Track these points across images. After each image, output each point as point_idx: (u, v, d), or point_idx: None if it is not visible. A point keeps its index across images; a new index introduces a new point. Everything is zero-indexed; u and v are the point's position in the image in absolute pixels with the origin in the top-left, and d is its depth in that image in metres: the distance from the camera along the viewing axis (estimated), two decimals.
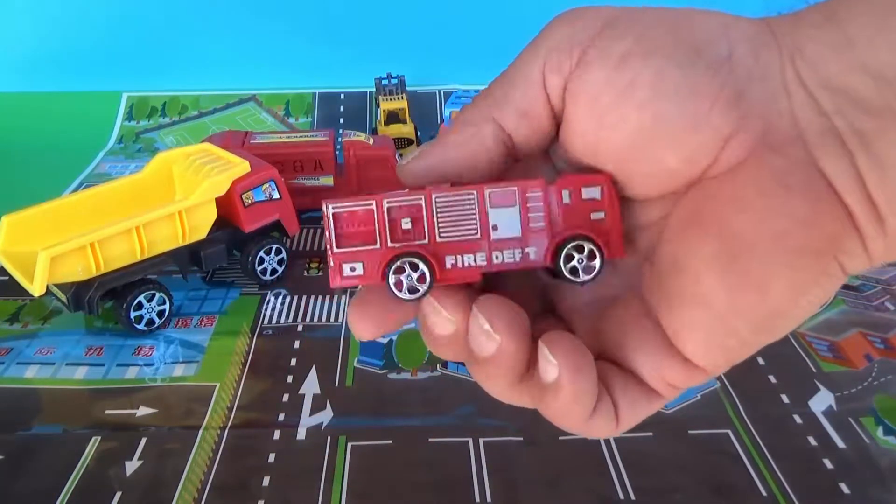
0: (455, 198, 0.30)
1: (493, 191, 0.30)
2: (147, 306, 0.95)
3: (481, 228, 0.30)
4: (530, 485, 0.73)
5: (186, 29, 1.68)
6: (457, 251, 0.30)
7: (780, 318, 0.27)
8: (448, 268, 0.30)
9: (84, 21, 1.66)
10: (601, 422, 0.29)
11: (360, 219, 0.30)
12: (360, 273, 0.30)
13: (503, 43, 1.84)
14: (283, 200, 1.05)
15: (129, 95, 1.69)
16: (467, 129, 0.30)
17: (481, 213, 0.29)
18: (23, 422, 0.81)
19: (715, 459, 0.76)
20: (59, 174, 1.42)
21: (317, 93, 1.71)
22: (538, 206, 0.30)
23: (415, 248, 0.29)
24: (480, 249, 0.30)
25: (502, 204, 0.29)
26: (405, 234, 0.30)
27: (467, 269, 0.30)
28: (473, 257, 0.30)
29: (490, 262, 0.30)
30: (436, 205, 0.30)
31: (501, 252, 0.30)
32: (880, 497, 0.71)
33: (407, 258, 0.29)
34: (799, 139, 0.26)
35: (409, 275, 0.29)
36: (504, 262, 0.30)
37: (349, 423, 0.81)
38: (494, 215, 0.29)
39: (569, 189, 0.29)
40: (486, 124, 0.30)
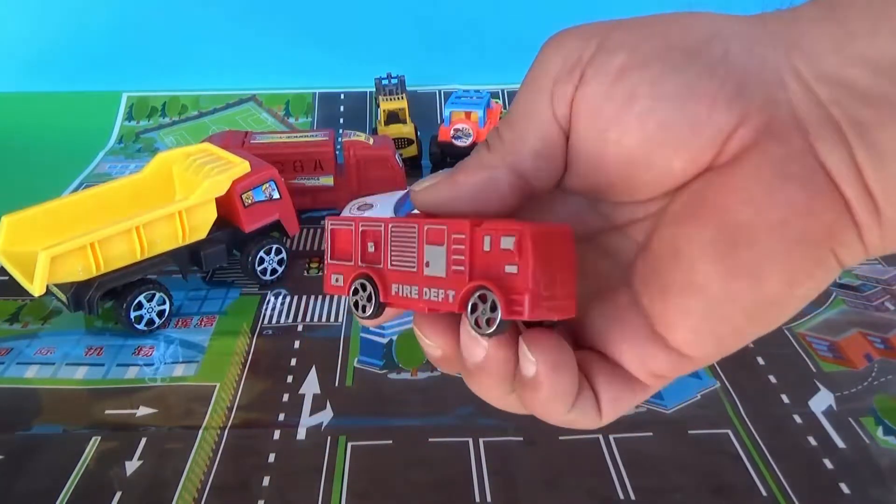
0: (403, 229, 0.30)
1: (429, 227, 0.29)
2: (147, 306, 0.95)
3: (417, 262, 0.30)
4: (530, 485, 0.73)
5: (186, 29, 1.68)
6: (399, 280, 0.30)
7: (774, 308, 0.27)
8: (392, 294, 0.30)
9: (84, 21, 1.66)
10: (581, 415, 0.29)
11: (346, 237, 0.32)
12: (341, 284, 0.32)
13: (503, 43, 1.86)
14: (283, 200, 1.05)
15: (129, 95, 1.69)
16: (481, 172, 0.29)
17: (419, 247, 0.30)
18: (23, 422, 0.81)
19: (715, 459, 0.76)
20: (59, 174, 1.42)
21: (317, 93, 1.71)
22: (460, 249, 0.29)
23: (368, 271, 0.31)
24: (415, 283, 0.30)
25: (434, 242, 0.29)
26: (371, 255, 0.31)
27: (408, 300, 0.30)
28: (410, 289, 0.30)
29: (421, 297, 0.30)
30: (391, 233, 0.31)
31: (430, 289, 0.29)
32: (880, 497, 0.71)
33: (360, 279, 0.31)
34: (798, 129, 0.26)
35: (361, 294, 0.31)
36: (431, 299, 0.29)
37: (349, 423, 0.81)
38: (429, 252, 0.29)
39: (489, 236, 0.28)
40: (502, 171, 0.29)
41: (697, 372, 0.88)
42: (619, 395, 0.30)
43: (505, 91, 1.71)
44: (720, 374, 0.87)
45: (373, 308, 0.31)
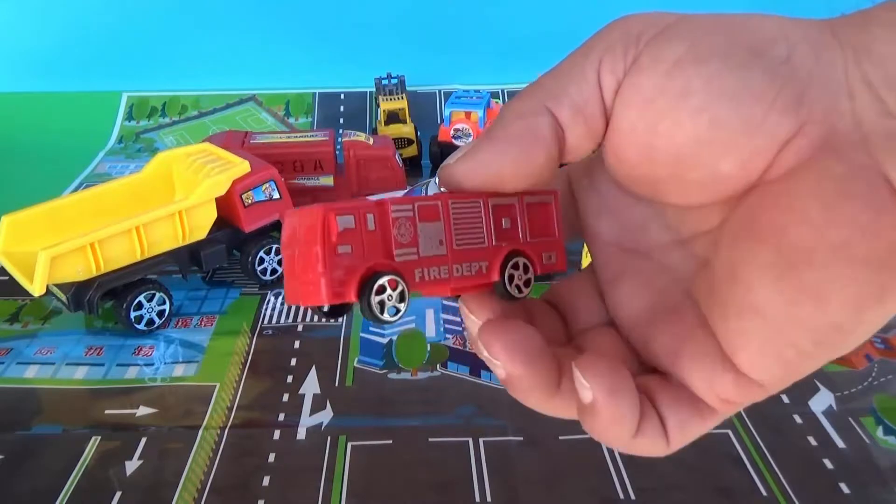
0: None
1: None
2: (147, 306, 0.95)
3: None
4: (530, 485, 0.73)
5: (186, 29, 1.68)
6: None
7: (842, 333, 0.25)
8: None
9: (84, 21, 1.66)
10: (648, 441, 0.28)
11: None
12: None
13: (503, 43, 1.86)
14: (283, 200, 1.05)
15: (129, 95, 1.69)
16: (520, 121, 0.28)
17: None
18: (23, 422, 0.81)
19: (715, 459, 0.76)
20: (59, 174, 1.42)
21: (317, 93, 1.71)
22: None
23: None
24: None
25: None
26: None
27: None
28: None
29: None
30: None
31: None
32: (880, 497, 0.71)
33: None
34: (862, 143, 0.24)
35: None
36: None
37: (349, 423, 0.81)
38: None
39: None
40: (542, 115, 0.28)
41: None
42: (687, 421, 0.28)
43: (505, 91, 1.71)
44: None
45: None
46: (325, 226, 0.27)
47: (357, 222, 0.28)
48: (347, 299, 0.27)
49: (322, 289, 0.27)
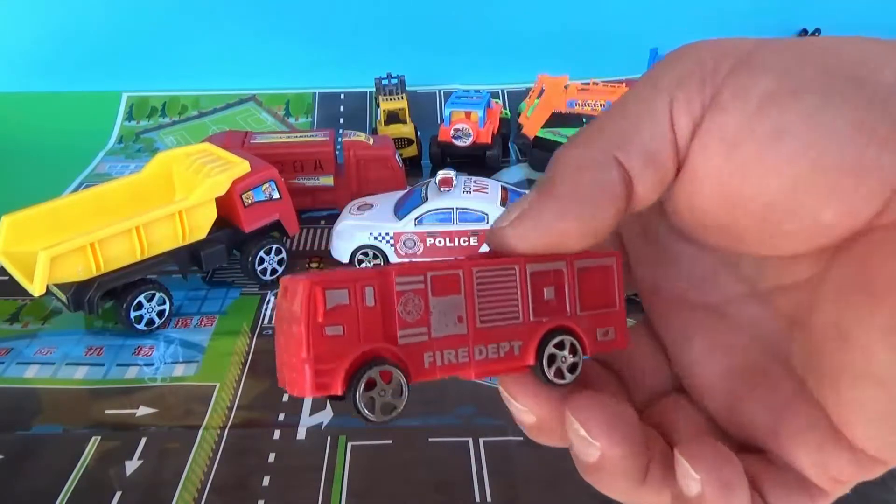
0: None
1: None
2: (147, 306, 0.95)
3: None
4: (530, 485, 0.73)
5: (186, 29, 1.68)
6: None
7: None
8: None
9: (84, 21, 1.66)
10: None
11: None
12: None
13: (503, 43, 1.85)
14: (283, 200, 1.05)
15: (129, 95, 1.69)
16: (586, 174, 0.24)
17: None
18: (23, 422, 0.81)
19: None
20: (59, 174, 1.42)
21: (317, 93, 1.71)
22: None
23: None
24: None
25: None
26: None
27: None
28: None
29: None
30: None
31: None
32: (880, 497, 0.71)
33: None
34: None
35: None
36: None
37: (349, 423, 0.81)
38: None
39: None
40: (610, 168, 0.24)
41: None
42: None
43: (505, 91, 1.71)
44: None
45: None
46: (311, 302, 0.23)
47: (352, 297, 0.23)
48: (333, 392, 0.23)
49: (305, 378, 0.23)
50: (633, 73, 1.65)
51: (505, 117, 1.53)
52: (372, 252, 1.08)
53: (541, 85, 1.39)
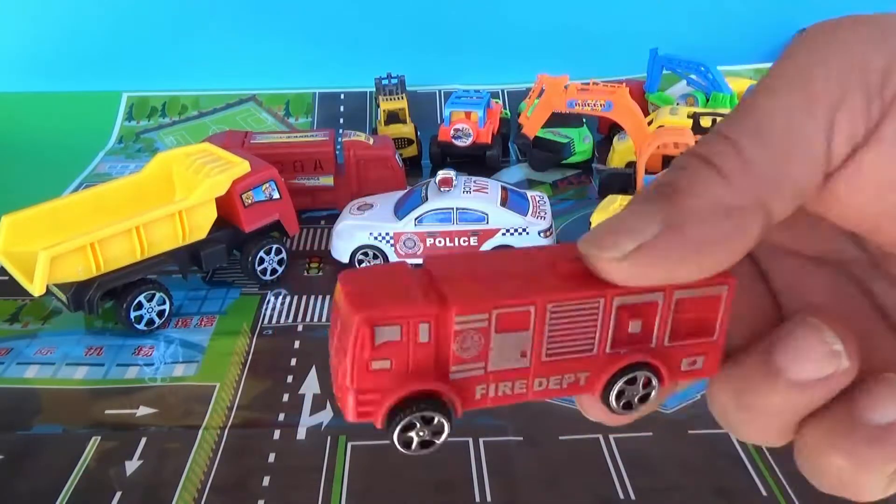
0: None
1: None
2: (147, 306, 0.95)
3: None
4: (530, 485, 0.73)
5: (186, 29, 1.68)
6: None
7: None
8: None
9: (84, 21, 1.66)
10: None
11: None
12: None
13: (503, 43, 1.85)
14: (283, 200, 1.05)
15: (129, 95, 1.69)
16: (728, 221, 0.21)
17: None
18: (23, 422, 0.81)
19: (715, 459, 0.76)
20: (59, 174, 1.42)
21: (317, 93, 1.71)
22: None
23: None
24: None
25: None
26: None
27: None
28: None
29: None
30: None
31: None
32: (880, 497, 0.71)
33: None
34: None
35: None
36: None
37: (349, 423, 0.81)
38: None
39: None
40: (755, 215, 0.21)
41: None
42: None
43: (505, 91, 1.71)
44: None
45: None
46: (359, 338, 0.21)
47: (405, 333, 0.22)
48: (374, 423, 0.23)
49: (349, 405, 0.22)
50: (633, 74, 1.65)
51: (505, 117, 1.53)
52: (372, 252, 1.08)
53: (541, 85, 1.39)
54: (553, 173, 1.42)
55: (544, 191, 1.33)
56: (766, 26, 1.75)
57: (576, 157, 1.42)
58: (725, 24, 1.74)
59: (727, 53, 1.66)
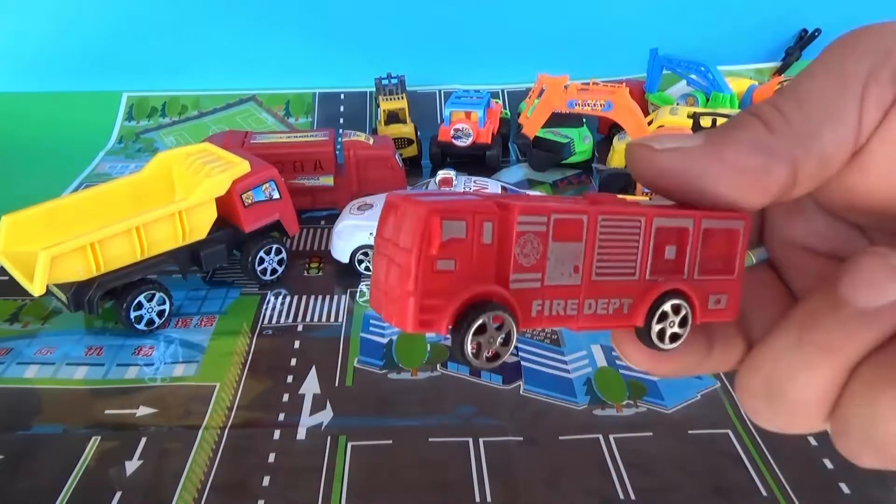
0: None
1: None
2: (147, 306, 0.95)
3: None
4: (530, 485, 0.73)
5: (186, 29, 1.68)
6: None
7: None
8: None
9: (84, 21, 1.66)
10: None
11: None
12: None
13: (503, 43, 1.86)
14: (283, 200, 1.05)
15: (129, 95, 1.69)
16: (758, 156, 0.23)
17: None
18: (23, 422, 0.81)
19: (715, 459, 0.76)
20: (59, 174, 1.42)
21: (317, 93, 1.71)
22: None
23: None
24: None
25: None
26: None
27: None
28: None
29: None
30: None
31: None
32: (880, 497, 0.71)
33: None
34: None
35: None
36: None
37: (349, 423, 0.81)
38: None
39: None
40: (783, 166, 0.23)
41: None
42: None
43: (505, 91, 1.71)
44: (720, 374, 0.87)
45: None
46: (427, 232, 0.21)
47: (469, 231, 0.21)
48: (436, 330, 0.21)
49: (409, 312, 0.21)
50: (633, 74, 1.65)
51: (505, 117, 1.53)
52: (372, 252, 1.08)
53: (541, 85, 1.39)
54: (553, 173, 1.42)
55: (544, 191, 1.34)
56: (765, 26, 1.76)
57: (576, 157, 1.42)
58: (725, 24, 1.74)
59: (727, 53, 1.66)
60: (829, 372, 0.23)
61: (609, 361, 0.90)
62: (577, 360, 0.90)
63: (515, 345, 0.23)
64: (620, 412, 0.82)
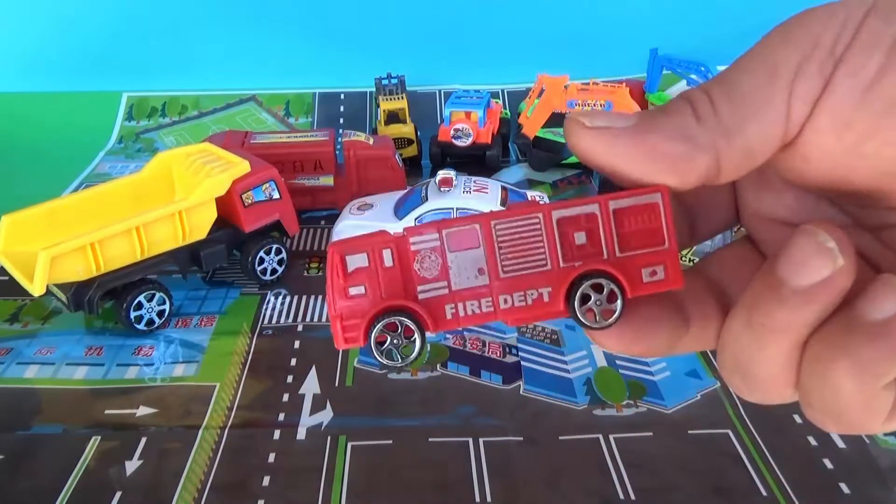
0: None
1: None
2: (147, 306, 0.95)
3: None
4: (530, 485, 0.73)
5: (186, 29, 1.68)
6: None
7: None
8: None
9: (84, 21, 1.66)
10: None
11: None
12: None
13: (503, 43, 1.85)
14: (283, 200, 1.05)
15: (129, 95, 1.69)
16: (682, 144, 0.24)
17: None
18: (23, 422, 0.81)
19: (715, 459, 0.76)
20: (59, 174, 1.42)
21: (317, 93, 1.71)
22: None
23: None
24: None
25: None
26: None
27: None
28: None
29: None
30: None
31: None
32: (880, 497, 0.71)
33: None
34: None
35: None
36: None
37: (349, 423, 0.81)
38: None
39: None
40: (705, 154, 0.24)
41: (697, 372, 0.88)
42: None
43: (505, 91, 1.71)
44: (720, 375, 0.87)
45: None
46: (334, 266, 0.26)
47: (372, 260, 0.26)
48: (358, 344, 0.26)
49: (337, 333, 0.26)
50: (633, 74, 1.65)
51: (505, 117, 1.53)
52: None
53: (541, 85, 1.39)
54: (553, 173, 1.42)
55: (544, 191, 1.33)
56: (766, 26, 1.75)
57: (576, 157, 1.42)
58: (725, 24, 1.74)
59: (727, 53, 1.65)
60: (779, 349, 0.24)
61: (609, 361, 0.90)
62: (577, 360, 0.90)
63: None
64: (620, 412, 0.82)
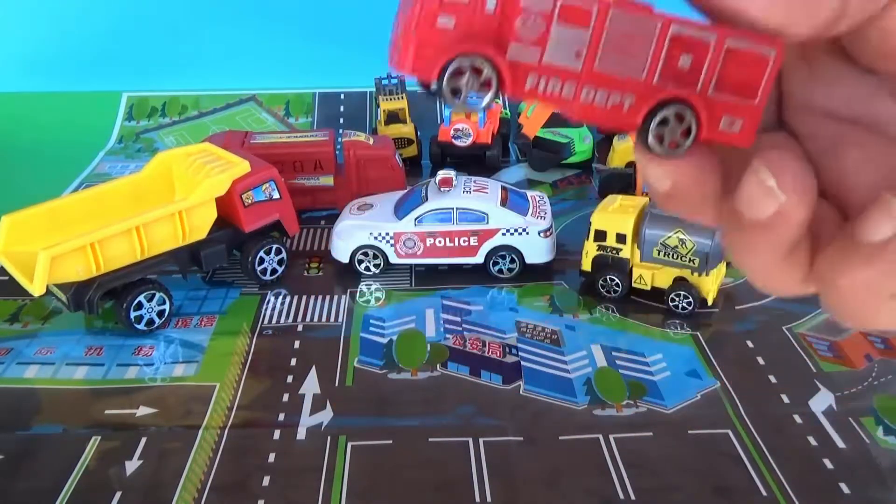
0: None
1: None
2: (147, 306, 0.95)
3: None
4: (530, 485, 0.73)
5: (186, 29, 1.68)
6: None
7: None
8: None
9: (84, 21, 1.66)
10: None
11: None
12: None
13: None
14: (283, 200, 1.05)
15: (129, 95, 1.69)
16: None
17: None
18: (23, 422, 0.81)
19: (715, 459, 0.76)
20: (59, 174, 1.42)
21: (317, 93, 1.71)
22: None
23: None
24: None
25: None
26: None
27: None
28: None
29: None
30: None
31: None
32: (880, 497, 0.71)
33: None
34: None
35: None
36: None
37: (349, 423, 0.81)
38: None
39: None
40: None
41: (697, 372, 0.88)
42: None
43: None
44: (720, 374, 0.87)
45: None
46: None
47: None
48: (427, 76, 0.23)
49: (408, 55, 0.23)
50: None
51: (505, 117, 1.53)
52: (372, 252, 1.08)
53: None
54: (553, 173, 1.42)
55: (544, 191, 1.33)
56: None
57: (576, 157, 1.42)
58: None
59: None
60: (763, 260, 0.24)
61: (609, 362, 0.90)
62: (577, 360, 0.90)
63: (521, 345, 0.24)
64: (620, 412, 0.82)
